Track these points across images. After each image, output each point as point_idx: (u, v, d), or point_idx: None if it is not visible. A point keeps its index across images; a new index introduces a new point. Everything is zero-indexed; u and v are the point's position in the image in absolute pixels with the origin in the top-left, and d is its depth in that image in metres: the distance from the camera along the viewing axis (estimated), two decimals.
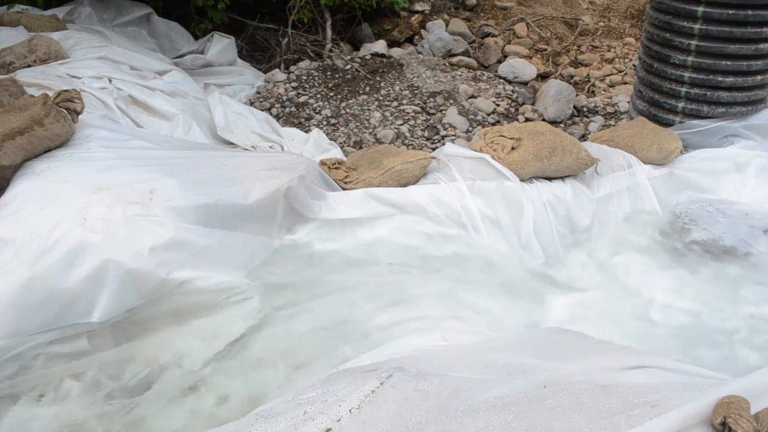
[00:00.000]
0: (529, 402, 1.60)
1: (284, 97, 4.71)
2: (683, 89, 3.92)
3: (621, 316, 2.94)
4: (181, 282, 2.52)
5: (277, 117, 4.53)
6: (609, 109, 5.04)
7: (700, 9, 3.72)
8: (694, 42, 3.82)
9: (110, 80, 3.75)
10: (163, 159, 2.89)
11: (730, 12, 3.69)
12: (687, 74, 3.90)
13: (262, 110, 4.51)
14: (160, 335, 2.45)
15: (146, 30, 5.06)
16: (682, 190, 3.60)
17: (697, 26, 3.77)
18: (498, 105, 4.84)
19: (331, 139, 4.20)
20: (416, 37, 5.84)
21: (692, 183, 3.63)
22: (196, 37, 5.22)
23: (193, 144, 3.51)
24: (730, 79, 3.85)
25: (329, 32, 5.51)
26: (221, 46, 5.00)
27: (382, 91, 4.77)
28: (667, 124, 4.00)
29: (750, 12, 3.69)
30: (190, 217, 2.59)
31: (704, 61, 3.83)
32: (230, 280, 2.61)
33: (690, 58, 3.85)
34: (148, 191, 2.60)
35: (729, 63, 3.81)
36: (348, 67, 5.05)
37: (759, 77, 3.91)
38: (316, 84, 4.86)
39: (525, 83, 5.29)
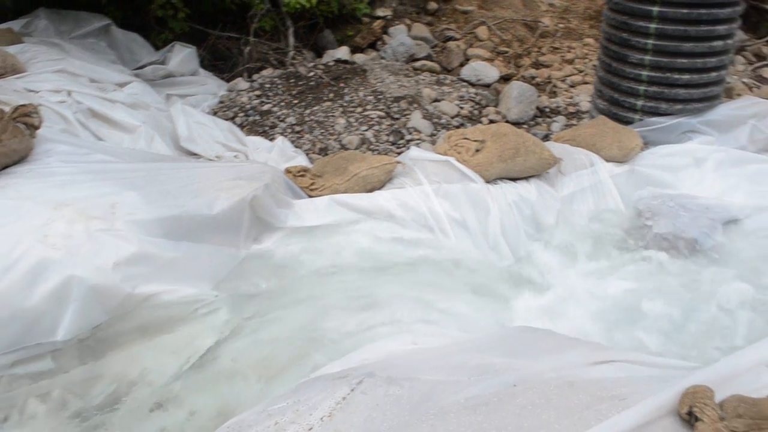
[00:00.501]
0: (500, 401, 1.61)
1: (248, 106, 4.68)
2: (642, 87, 4.00)
3: (588, 312, 2.98)
4: (147, 296, 2.48)
5: (241, 126, 4.50)
6: (571, 109, 5.11)
7: (656, 9, 3.81)
8: (650, 41, 3.90)
9: (69, 93, 3.69)
10: (125, 172, 2.84)
11: (684, 11, 3.78)
12: (645, 73, 3.98)
13: (226, 120, 4.48)
14: (126, 351, 2.41)
15: (105, 41, 4.99)
16: (643, 186, 3.66)
17: (653, 26, 3.85)
18: (462, 108, 4.88)
19: (296, 147, 4.19)
20: (379, 42, 5.85)
21: (653, 179, 3.70)
22: (157, 48, 5.17)
23: (156, 156, 3.47)
24: (686, 77, 3.94)
25: (292, 40, 5.50)
26: (182, 55, 4.96)
27: (346, 97, 4.77)
28: (627, 122, 4.07)
29: (703, 11, 3.78)
30: (154, 230, 2.55)
31: (661, 59, 3.91)
32: (197, 292, 2.57)
33: (647, 57, 3.93)
34: (111, 205, 2.56)
35: (685, 61, 3.90)
36: (311, 74, 5.04)
37: (714, 74, 4.00)
38: (280, 92, 4.84)
39: (488, 86, 5.34)
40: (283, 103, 4.71)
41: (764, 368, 2.21)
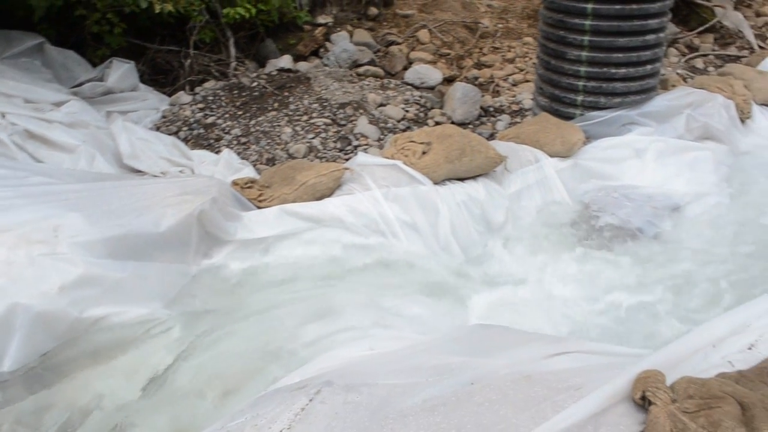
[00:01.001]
0: (458, 400, 1.62)
1: (191, 120, 4.61)
2: (580, 83, 4.09)
3: (542, 305, 3.03)
4: (96, 320, 2.42)
5: (186, 140, 4.43)
6: (514, 107, 5.19)
7: (590, 6, 3.90)
8: (586, 38, 3.99)
9: (3, 115, 3.58)
10: (66, 193, 2.77)
11: (617, 7, 3.88)
12: (583, 68, 4.07)
13: (169, 134, 4.40)
14: (78, 378, 2.34)
15: (40, 60, 4.85)
16: (588, 179, 3.74)
17: (588, 22, 3.94)
18: (407, 111, 4.91)
19: (242, 159, 4.15)
20: (321, 49, 5.84)
21: (597, 171, 3.79)
22: (94, 64, 5.04)
23: (99, 175, 3.39)
24: (622, 71, 4.04)
25: (233, 50, 5.44)
26: (121, 71, 4.85)
27: (291, 106, 4.74)
28: (569, 117, 4.16)
29: (635, 6, 3.89)
30: (99, 251, 2.49)
31: (597, 55, 4.01)
32: (148, 312, 2.52)
33: (584, 53, 4.02)
34: (53, 228, 2.49)
35: (620, 55, 4.00)
36: (255, 84, 5.00)
37: (649, 67, 4.12)
38: (224, 104, 4.79)
39: (432, 88, 5.39)
40: (227, 115, 4.66)
41: (711, 349, 2.28)
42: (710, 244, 3.45)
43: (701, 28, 6.68)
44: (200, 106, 4.75)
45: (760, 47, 6.56)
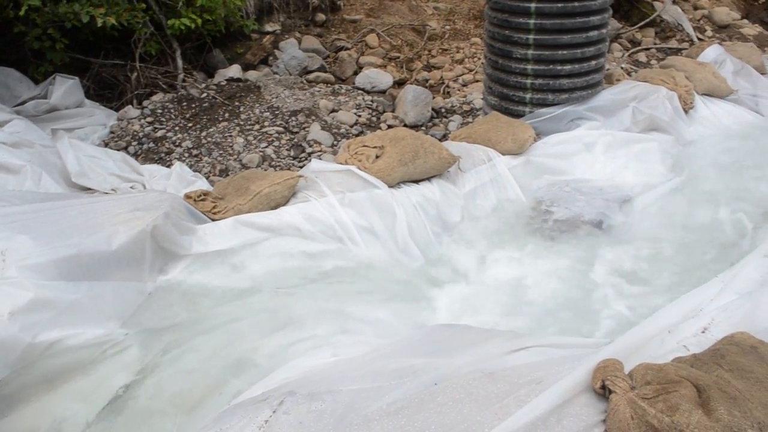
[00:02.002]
0: (421, 402, 1.63)
1: (140, 134, 4.53)
2: (528, 81, 4.16)
3: (501, 302, 3.06)
4: (50, 344, 2.35)
5: (136, 155, 4.36)
6: (465, 108, 5.24)
7: (533, 5, 3.97)
8: (531, 36, 4.06)
9: None
10: (13, 215, 2.69)
11: (560, 5, 3.96)
12: (530, 67, 4.14)
13: (119, 150, 4.31)
14: (35, 404, 2.28)
15: None
16: (540, 175, 3.80)
17: (532, 21, 4.01)
18: (359, 116, 4.91)
19: (195, 171, 4.09)
20: (270, 57, 5.81)
21: (548, 167, 3.85)
22: (37, 82, 4.91)
23: (46, 195, 3.29)
24: (568, 67, 4.13)
25: (180, 62, 5.36)
26: (65, 88, 4.73)
27: (243, 116, 4.70)
28: (519, 115, 4.22)
29: (576, 3, 3.98)
30: (50, 273, 2.43)
31: (543, 53, 4.08)
32: (104, 333, 2.47)
33: (530, 52, 4.09)
34: (0, 252, 2.42)
35: (565, 52, 4.08)
36: (204, 95, 4.94)
37: (593, 62, 4.22)
38: (173, 116, 4.72)
39: (383, 92, 5.41)
40: (177, 128, 4.59)
41: (666, 334, 2.34)
42: (660, 233, 3.53)
43: (642, 23, 6.86)
44: (149, 119, 4.68)
45: (699, 39, 6.76)
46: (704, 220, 3.65)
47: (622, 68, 5.90)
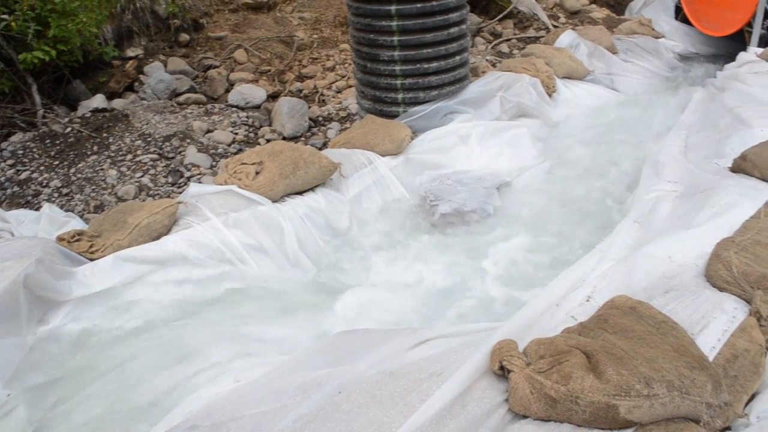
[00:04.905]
0: (326, 414, 1.62)
1: (2, 178, 4.24)
2: (398, 81, 4.24)
3: (399, 300, 3.09)
4: None
5: None
6: (342, 114, 5.27)
7: (393, 8, 4.05)
8: (396, 38, 4.14)
9: None
10: None
11: (419, 5, 4.06)
12: (398, 68, 4.22)
13: None
14: None
15: None
16: (421, 171, 3.88)
17: (394, 23, 4.09)
18: (236, 134, 4.83)
19: (67, 211, 3.86)
20: (136, 83, 5.60)
21: (428, 163, 3.94)
22: None
23: None
24: (434, 65, 4.24)
25: (37, 98, 5.06)
26: None
27: (113, 147, 4.50)
28: (393, 115, 4.29)
29: (435, 2, 4.09)
30: None
31: (409, 53, 4.17)
32: None
33: (396, 53, 4.17)
34: None
35: (430, 50, 4.19)
36: (68, 130, 4.69)
37: (458, 57, 4.35)
38: (36, 155, 4.44)
39: (258, 107, 5.34)
40: (42, 167, 4.33)
41: (555, 308, 2.46)
42: (539, 212, 3.70)
43: (501, 16, 7.17)
44: (10, 162, 4.38)
45: (554, 26, 7.15)
46: (577, 194, 3.86)
47: (487, 60, 6.14)
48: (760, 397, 1.94)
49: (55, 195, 4.11)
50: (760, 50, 4.85)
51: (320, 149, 4.11)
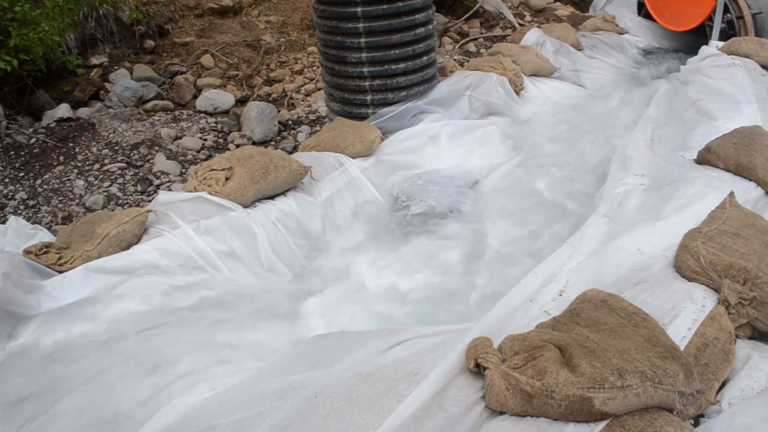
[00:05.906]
0: (303, 418, 1.61)
1: None
2: (366, 83, 4.24)
3: (375, 302, 3.09)
4: None
5: None
6: (312, 117, 5.25)
7: (359, 9, 4.04)
8: (362, 40, 4.14)
9: None
10: None
11: (384, 7, 4.06)
12: (366, 69, 4.22)
13: None
14: None
15: None
16: (392, 172, 3.88)
17: (361, 25, 4.09)
18: (205, 140, 4.79)
19: (34, 223, 3.80)
20: (101, 92, 5.52)
21: (399, 163, 3.94)
22: None
23: None
24: (402, 65, 4.25)
25: (0, 109, 4.97)
26: None
27: (80, 157, 4.43)
28: (362, 117, 4.29)
29: (401, 3, 4.10)
30: None
31: (376, 54, 4.17)
32: None
33: (364, 55, 4.17)
34: None
35: (397, 51, 4.20)
36: (33, 140, 4.61)
37: (425, 58, 4.37)
38: (1, 168, 4.36)
39: (226, 112, 5.31)
40: (7, 180, 4.25)
41: (529, 303, 2.48)
42: (510, 209, 3.73)
43: (467, 15, 7.21)
44: None
45: (520, 24, 7.21)
46: (547, 190, 3.89)
47: (454, 60, 6.16)
48: (730, 383, 1.98)
49: (22, 207, 4.04)
50: (721, 44, 4.94)
51: (290, 153, 4.09)
